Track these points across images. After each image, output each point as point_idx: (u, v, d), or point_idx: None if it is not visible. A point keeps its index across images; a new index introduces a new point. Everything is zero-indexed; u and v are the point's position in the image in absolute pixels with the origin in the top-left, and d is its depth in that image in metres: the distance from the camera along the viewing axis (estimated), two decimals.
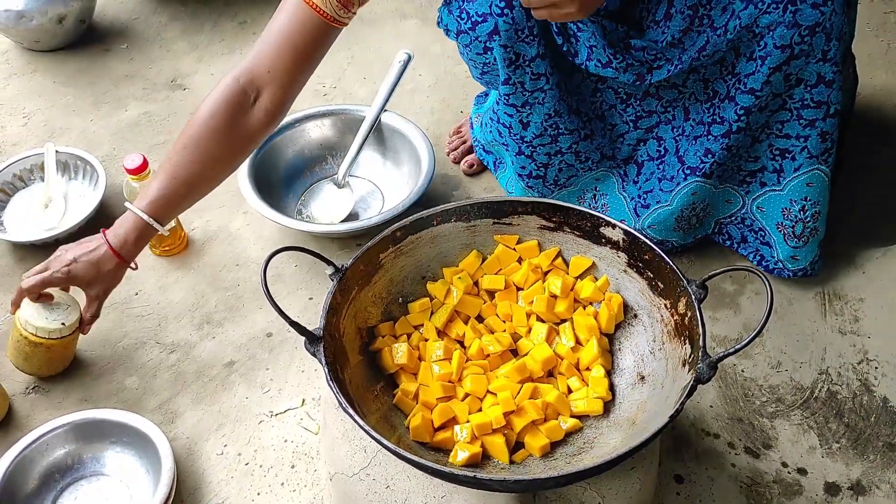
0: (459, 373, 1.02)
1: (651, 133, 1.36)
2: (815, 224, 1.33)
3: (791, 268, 1.38)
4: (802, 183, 1.29)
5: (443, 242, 1.11)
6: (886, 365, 1.32)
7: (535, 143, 1.36)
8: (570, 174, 1.41)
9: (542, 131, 1.33)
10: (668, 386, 0.95)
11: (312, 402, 1.29)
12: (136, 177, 1.38)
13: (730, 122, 1.25)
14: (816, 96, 1.20)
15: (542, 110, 1.30)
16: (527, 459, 0.98)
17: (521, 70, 1.26)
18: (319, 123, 1.60)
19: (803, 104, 1.21)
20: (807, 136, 1.24)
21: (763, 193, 1.34)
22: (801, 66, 1.17)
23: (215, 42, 1.94)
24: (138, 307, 1.43)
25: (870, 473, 1.21)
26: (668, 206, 1.36)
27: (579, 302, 1.09)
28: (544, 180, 1.42)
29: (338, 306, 0.99)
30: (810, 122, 1.23)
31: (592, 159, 1.39)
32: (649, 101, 1.33)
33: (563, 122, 1.32)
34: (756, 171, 1.32)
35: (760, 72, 1.18)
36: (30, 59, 1.90)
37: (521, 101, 1.30)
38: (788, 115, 1.23)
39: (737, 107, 1.23)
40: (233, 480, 1.21)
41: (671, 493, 1.19)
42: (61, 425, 1.21)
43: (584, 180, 1.43)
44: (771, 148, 1.28)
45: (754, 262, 1.43)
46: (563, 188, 1.44)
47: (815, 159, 1.26)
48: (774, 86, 1.19)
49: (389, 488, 0.99)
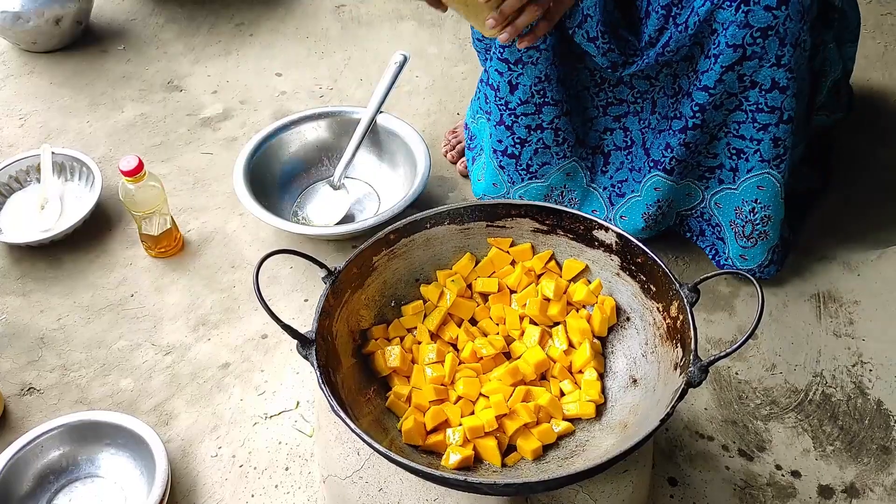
0: (452, 376, 1.02)
1: (619, 122, 1.37)
2: (763, 227, 1.34)
3: (740, 266, 1.40)
4: (754, 185, 1.30)
5: (436, 245, 1.11)
6: (881, 368, 1.32)
7: (519, 112, 1.34)
8: (543, 160, 1.40)
9: (528, 97, 1.32)
10: (660, 389, 0.95)
11: (307, 404, 1.30)
12: (132, 178, 1.38)
13: (686, 117, 1.25)
14: (770, 101, 1.20)
15: (533, 72, 1.29)
16: (519, 462, 0.98)
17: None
18: (315, 125, 1.60)
19: (758, 108, 1.22)
20: (760, 140, 1.25)
21: (720, 190, 1.35)
22: (754, 67, 1.17)
23: (212, 44, 1.94)
24: (133, 309, 1.43)
25: (864, 476, 1.21)
26: (638, 197, 1.37)
27: (572, 305, 1.09)
28: (517, 161, 1.40)
29: (330, 309, 0.99)
30: (763, 127, 1.23)
31: (568, 142, 1.38)
32: (621, 89, 1.33)
33: (551, 89, 1.31)
34: (714, 168, 1.33)
35: (713, 70, 1.18)
36: (26, 60, 1.90)
37: (514, 58, 1.28)
38: (744, 115, 1.24)
39: (692, 103, 1.23)
40: (227, 482, 1.21)
41: (665, 495, 1.19)
42: (56, 427, 1.20)
43: (555, 174, 1.42)
44: (728, 146, 1.29)
45: (710, 256, 1.45)
46: (534, 178, 1.42)
47: (767, 163, 1.27)
48: (728, 84, 1.20)
49: (382, 491, 0.99)
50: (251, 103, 1.79)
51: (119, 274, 1.48)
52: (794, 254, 1.46)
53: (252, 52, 1.91)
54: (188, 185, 1.63)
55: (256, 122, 1.74)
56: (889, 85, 1.78)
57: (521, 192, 1.44)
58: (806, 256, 1.46)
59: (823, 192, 1.54)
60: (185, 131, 1.73)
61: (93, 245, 1.52)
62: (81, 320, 1.42)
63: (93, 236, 1.53)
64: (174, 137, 1.72)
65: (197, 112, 1.78)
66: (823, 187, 1.54)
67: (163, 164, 1.66)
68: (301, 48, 1.92)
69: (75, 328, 1.41)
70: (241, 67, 1.87)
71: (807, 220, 1.50)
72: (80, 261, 1.50)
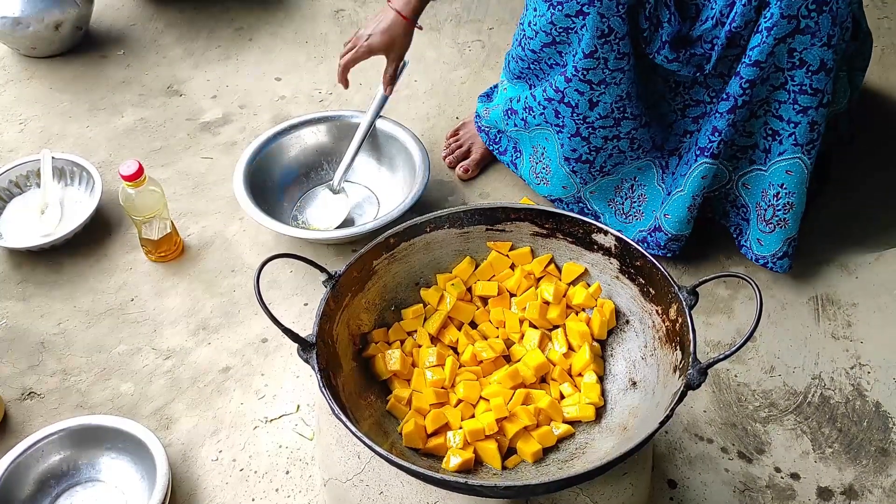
0: (452, 379, 1.03)
1: (697, 124, 1.38)
2: (784, 215, 1.34)
3: (756, 251, 1.41)
4: (783, 169, 1.31)
5: (436, 249, 1.11)
6: (879, 370, 1.32)
7: (598, 125, 1.36)
8: (617, 161, 1.41)
9: (608, 113, 1.33)
10: (660, 392, 0.96)
11: (307, 407, 1.30)
12: (132, 183, 1.39)
13: (735, 96, 1.26)
14: (815, 83, 1.22)
15: (616, 91, 1.31)
16: (519, 465, 0.98)
17: (608, 45, 1.25)
18: (315, 129, 1.61)
19: (801, 89, 1.23)
20: (797, 123, 1.26)
21: (750, 171, 1.36)
22: (805, 44, 1.19)
23: (211, 48, 1.94)
24: (134, 313, 1.44)
25: (862, 478, 1.21)
26: (681, 192, 1.38)
27: (572, 308, 1.09)
28: (591, 165, 1.42)
29: (331, 313, 0.99)
30: (804, 109, 1.25)
31: (644, 148, 1.40)
32: (697, 90, 1.35)
33: (631, 106, 1.33)
34: (747, 147, 1.34)
35: (766, 43, 1.19)
36: (26, 65, 1.90)
37: (598, 79, 1.29)
38: (786, 95, 1.25)
39: (741, 80, 1.24)
40: (227, 486, 1.22)
41: (664, 497, 1.19)
42: (56, 431, 1.21)
43: (627, 168, 1.43)
44: (766, 126, 1.30)
45: (734, 236, 1.46)
46: (606, 175, 1.44)
47: (800, 148, 1.28)
48: (778, 58, 1.21)
49: (383, 494, 0.99)
50: (251, 108, 1.80)
51: (119, 278, 1.48)
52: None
53: (251, 57, 1.92)
54: (188, 189, 1.63)
55: (256, 127, 1.75)
56: (885, 87, 1.79)
57: (593, 188, 1.46)
58: (804, 259, 1.47)
59: (820, 196, 1.54)
60: (185, 136, 1.74)
61: (93, 250, 1.53)
62: (82, 325, 1.42)
63: (93, 241, 1.54)
64: (174, 142, 1.73)
65: (197, 116, 1.78)
66: (821, 191, 1.55)
67: (163, 169, 1.67)
68: (300, 53, 1.93)
69: (76, 333, 1.41)
70: (241, 72, 1.88)
71: (803, 224, 1.50)
72: (81, 265, 1.50)
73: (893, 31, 1.93)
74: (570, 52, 1.31)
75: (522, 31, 1.37)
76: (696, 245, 1.48)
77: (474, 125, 1.64)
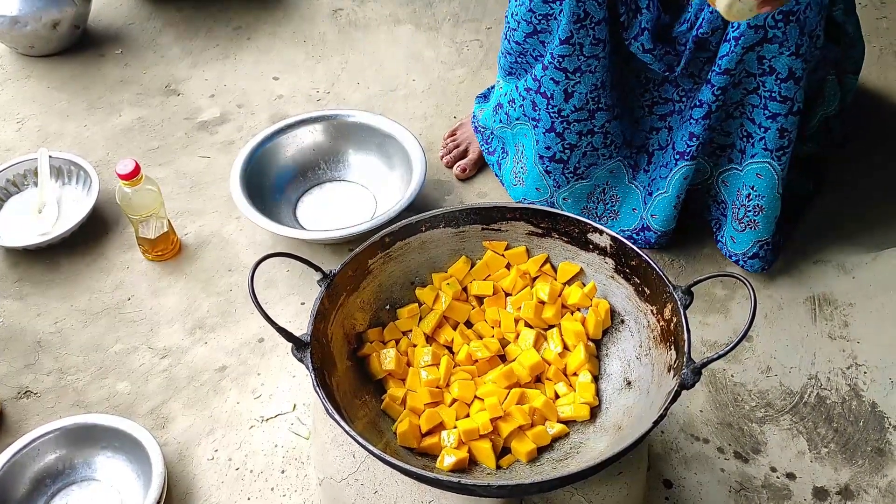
0: (447, 378, 1.03)
1: (664, 122, 1.39)
2: (755, 217, 1.36)
3: (730, 248, 1.43)
4: (754, 172, 1.32)
5: (432, 248, 1.11)
6: (875, 370, 1.32)
7: (572, 119, 1.36)
8: (591, 161, 1.42)
9: (583, 104, 1.34)
10: (654, 391, 0.96)
11: (303, 407, 1.30)
12: (129, 182, 1.39)
13: (708, 103, 1.27)
14: (784, 91, 1.23)
15: (591, 80, 1.31)
16: (513, 465, 0.98)
17: (584, 31, 1.25)
18: (312, 129, 1.61)
19: (771, 95, 1.24)
20: (767, 128, 1.28)
21: (729, 169, 1.38)
22: (774, 53, 1.20)
23: (210, 48, 1.94)
24: (131, 312, 1.44)
25: (858, 478, 1.21)
26: (665, 194, 1.39)
27: (567, 308, 1.09)
28: (565, 166, 1.42)
29: (326, 312, 0.99)
30: (773, 116, 1.26)
31: (616, 144, 1.41)
32: (667, 88, 1.35)
33: (605, 95, 1.33)
34: (726, 147, 1.36)
35: (734, 52, 1.21)
36: (24, 64, 1.90)
37: (573, 66, 1.30)
38: (758, 100, 1.27)
39: (713, 88, 1.26)
40: (223, 485, 1.22)
41: (660, 497, 1.19)
42: (52, 430, 1.21)
43: (600, 172, 1.44)
44: (741, 127, 1.32)
45: (714, 229, 1.48)
46: (580, 179, 1.44)
47: (770, 153, 1.29)
48: (748, 64, 1.22)
49: (378, 493, 0.99)
50: (248, 107, 1.80)
51: (116, 277, 1.49)
52: (789, 256, 1.47)
53: (249, 56, 1.92)
54: (185, 188, 1.63)
55: (253, 126, 1.75)
56: (883, 87, 1.79)
57: (566, 194, 1.46)
58: (801, 259, 1.47)
59: (817, 196, 1.54)
60: (183, 135, 1.74)
61: (90, 249, 1.53)
62: (78, 324, 1.42)
63: (90, 240, 1.54)
64: (171, 141, 1.73)
65: (194, 116, 1.78)
66: (816, 192, 1.55)
67: (160, 168, 1.67)
68: (298, 52, 1.93)
69: (72, 332, 1.41)
70: (239, 71, 1.88)
71: (798, 225, 1.51)
72: (77, 264, 1.50)
73: (892, 32, 1.93)
74: (550, 41, 1.31)
75: (507, 24, 1.38)
76: (692, 245, 1.48)
77: (472, 125, 1.64)
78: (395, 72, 1.86)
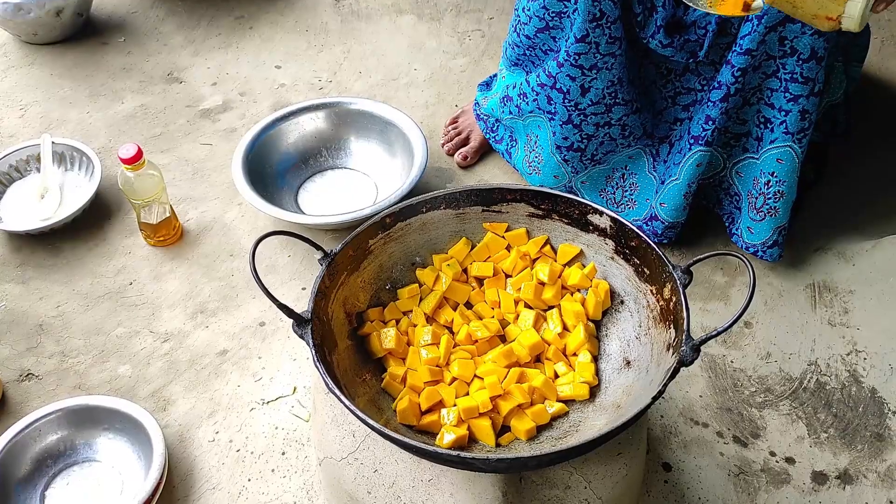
0: (447, 357, 1.03)
1: (687, 112, 1.38)
2: (775, 203, 1.35)
3: (746, 240, 1.41)
4: (774, 157, 1.31)
5: (432, 229, 1.11)
6: (875, 356, 1.33)
7: (589, 112, 1.36)
8: (608, 149, 1.42)
9: (600, 98, 1.34)
10: (653, 370, 0.96)
11: (304, 390, 1.30)
12: (131, 166, 1.39)
13: (727, 84, 1.27)
14: (806, 71, 1.23)
15: (608, 76, 1.31)
16: (513, 443, 0.98)
17: (600, 29, 1.26)
18: (314, 116, 1.61)
19: (792, 77, 1.24)
20: (788, 111, 1.27)
21: (743, 159, 1.37)
22: (796, 32, 1.19)
23: (212, 36, 1.95)
24: (132, 296, 1.44)
25: (857, 462, 1.21)
26: (676, 181, 1.38)
27: (567, 289, 1.09)
28: (583, 154, 1.42)
29: (326, 290, 1.00)
30: (794, 98, 1.25)
31: (635, 135, 1.40)
32: (688, 78, 1.35)
33: (623, 91, 1.33)
34: (741, 135, 1.35)
35: (756, 31, 1.20)
36: (27, 51, 1.91)
37: (589, 64, 1.30)
38: (778, 83, 1.26)
39: (733, 69, 1.25)
40: (224, 467, 1.22)
41: (659, 480, 1.19)
42: (54, 411, 1.21)
43: (618, 157, 1.44)
44: (759, 114, 1.31)
45: (726, 224, 1.47)
46: (598, 164, 1.44)
47: (791, 136, 1.29)
48: (769, 46, 1.22)
49: (377, 472, 0.99)
50: (250, 95, 1.80)
51: (118, 262, 1.49)
52: (789, 244, 1.47)
53: (251, 45, 1.92)
54: (187, 175, 1.64)
55: (255, 114, 1.75)
56: (884, 77, 1.79)
57: (584, 177, 1.46)
58: (801, 247, 1.47)
59: (818, 185, 1.55)
60: (185, 122, 1.74)
61: (92, 234, 1.53)
62: (80, 307, 1.42)
63: (92, 225, 1.54)
64: (174, 128, 1.73)
65: (196, 104, 1.79)
66: (818, 180, 1.55)
67: (162, 155, 1.67)
68: (300, 41, 1.93)
69: (74, 315, 1.41)
70: (241, 60, 1.88)
71: (800, 213, 1.51)
72: (80, 249, 1.51)
73: (893, 23, 1.93)
74: (563, 38, 1.31)
75: (517, 17, 1.37)
76: (693, 232, 1.49)
77: (473, 113, 1.64)
78: (396, 61, 1.87)
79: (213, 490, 1.20)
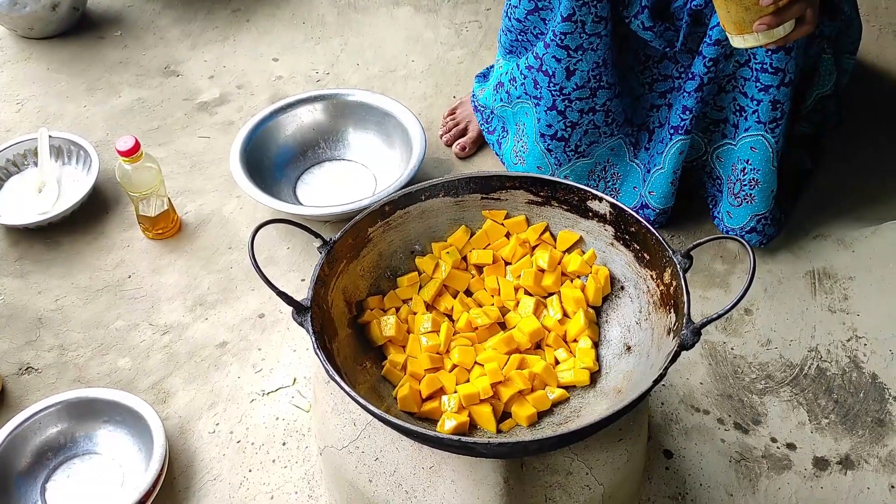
0: (447, 344, 1.03)
1: (664, 99, 1.39)
2: (750, 190, 1.36)
3: (727, 223, 1.43)
4: (748, 145, 1.33)
5: (431, 217, 1.11)
6: (875, 342, 1.33)
7: (574, 97, 1.36)
8: (592, 139, 1.42)
9: (585, 82, 1.34)
10: (654, 355, 0.96)
11: (304, 380, 1.30)
12: (129, 158, 1.39)
13: (700, 75, 1.28)
14: (776, 62, 1.23)
15: (593, 57, 1.31)
16: (514, 429, 0.98)
17: (586, 8, 1.25)
18: (311, 108, 1.61)
19: (762, 67, 1.24)
20: (759, 101, 1.28)
21: (723, 144, 1.38)
22: None
23: (209, 30, 1.94)
24: (131, 289, 1.44)
25: (858, 448, 1.21)
26: (661, 170, 1.39)
27: (567, 275, 1.09)
28: (566, 144, 1.42)
29: (326, 278, 1.00)
30: (765, 88, 1.26)
31: (617, 122, 1.41)
32: (666, 65, 1.35)
33: (607, 74, 1.33)
34: (719, 122, 1.36)
35: None
36: (24, 46, 1.90)
37: (575, 44, 1.29)
38: (749, 73, 1.27)
39: (705, 59, 1.26)
40: (225, 458, 1.22)
41: (660, 467, 1.19)
42: (54, 404, 1.21)
43: (601, 150, 1.44)
44: (734, 102, 1.32)
45: (710, 206, 1.48)
46: (581, 157, 1.44)
47: (763, 126, 1.29)
48: None
49: (378, 460, 0.99)
50: (248, 88, 1.80)
51: (116, 255, 1.49)
52: (789, 231, 1.47)
53: (249, 38, 1.92)
54: (185, 168, 1.64)
55: (253, 107, 1.75)
56: (882, 66, 1.79)
57: (568, 172, 1.46)
58: (800, 234, 1.47)
59: (814, 174, 1.54)
60: (182, 115, 1.74)
61: (90, 227, 1.53)
62: (79, 301, 1.42)
63: (90, 219, 1.54)
64: (171, 122, 1.73)
65: (194, 97, 1.78)
66: (813, 168, 1.55)
67: (160, 148, 1.67)
68: (298, 33, 1.93)
69: (73, 309, 1.41)
70: (238, 53, 1.88)
71: (798, 201, 1.51)
72: (78, 243, 1.51)
73: (891, 12, 1.93)
74: (552, 19, 1.31)
75: (508, 1, 1.38)
76: (691, 218, 1.49)
77: (471, 104, 1.64)
78: (394, 53, 1.87)
79: (214, 481, 1.19)
